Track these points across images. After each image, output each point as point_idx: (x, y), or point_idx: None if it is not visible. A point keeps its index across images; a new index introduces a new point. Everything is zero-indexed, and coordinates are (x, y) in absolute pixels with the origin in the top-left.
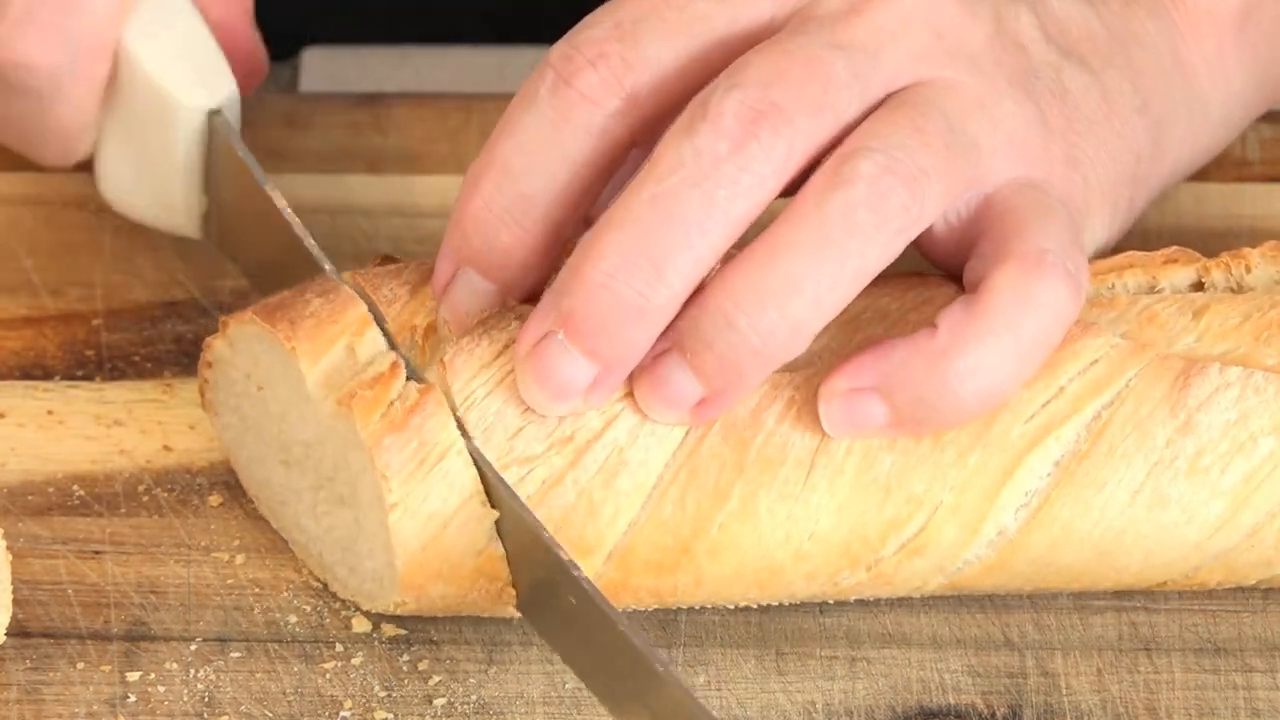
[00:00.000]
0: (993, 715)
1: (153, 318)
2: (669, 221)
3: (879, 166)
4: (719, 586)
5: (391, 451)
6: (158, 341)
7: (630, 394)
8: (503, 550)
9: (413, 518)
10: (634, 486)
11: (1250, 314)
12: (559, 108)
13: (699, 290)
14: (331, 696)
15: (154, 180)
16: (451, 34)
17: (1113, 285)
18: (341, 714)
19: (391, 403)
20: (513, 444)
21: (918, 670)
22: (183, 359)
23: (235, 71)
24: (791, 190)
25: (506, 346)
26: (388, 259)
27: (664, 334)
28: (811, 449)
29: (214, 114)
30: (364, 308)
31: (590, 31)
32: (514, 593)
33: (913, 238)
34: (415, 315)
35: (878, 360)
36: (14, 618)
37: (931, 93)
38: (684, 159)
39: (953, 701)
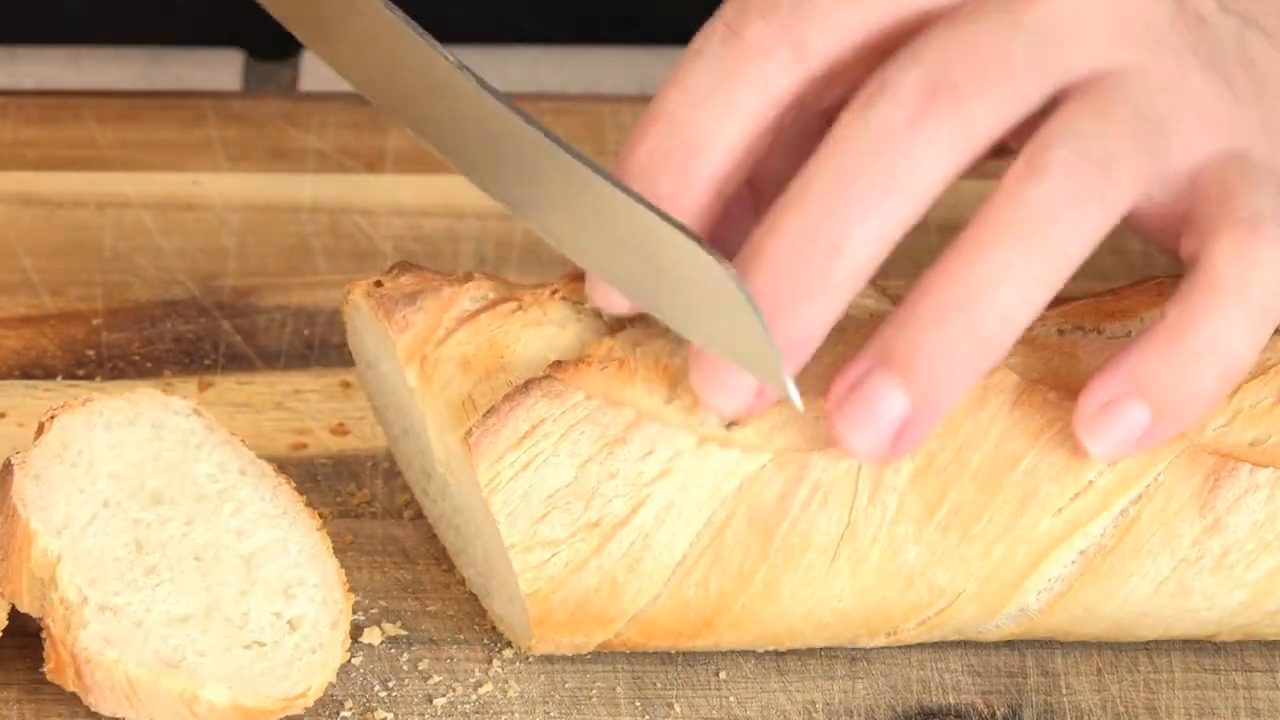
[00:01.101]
0: (993, 715)
1: (153, 318)
2: (847, 194)
3: (1073, 153)
4: (737, 647)
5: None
6: (158, 341)
7: (662, 475)
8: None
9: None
10: (658, 568)
11: None
12: (727, 58)
13: (899, 304)
14: (331, 696)
15: None
16: (452, 34)
17: (1141, 320)
18: (341, 714)
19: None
20: (537, 528)
21: (918, 670)
22: (183, 358)
23: None
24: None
25: (534, 428)
26: (404, 265)
27: (860, 359)
28: (836, 536)
29: None
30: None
31: None
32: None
33: (1112, 225)
34: (426, 344)
35: (1119, 366)
36: (13, 617)
37: (1117, 79)
38: (860, 132)
39: (953, 701)
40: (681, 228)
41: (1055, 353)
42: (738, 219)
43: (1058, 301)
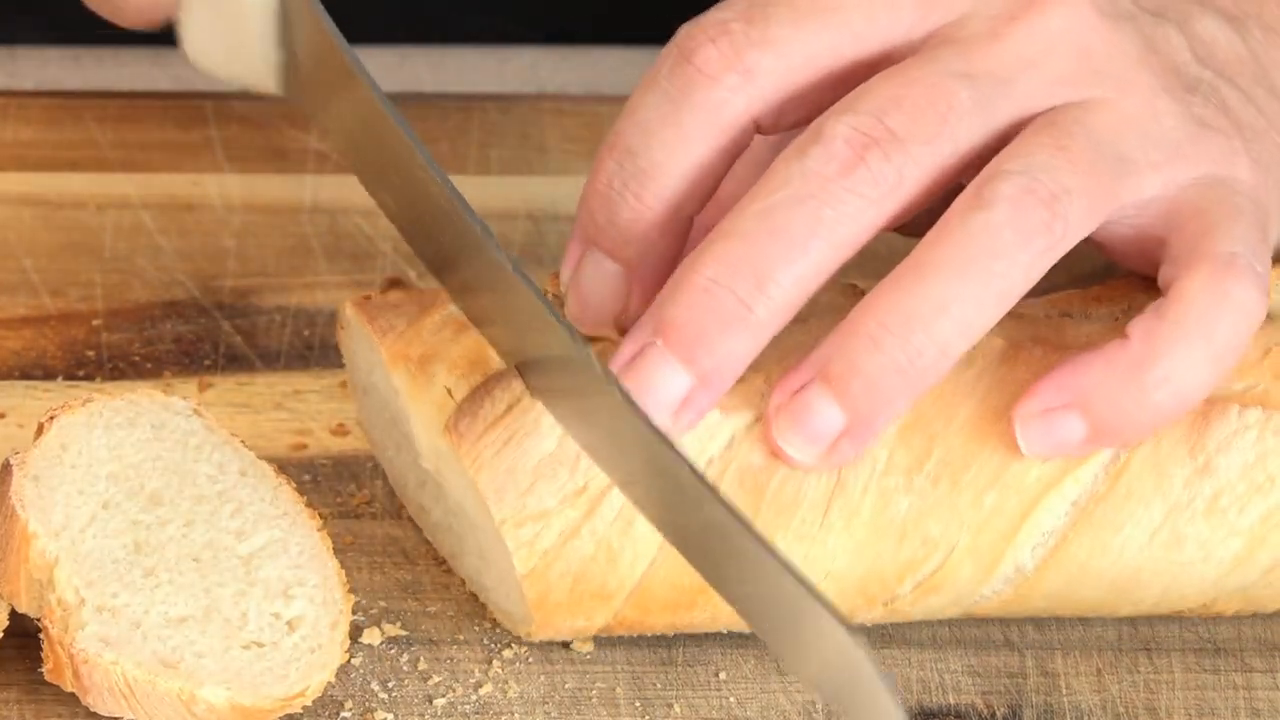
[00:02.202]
0: (993, 715)
1: (153, 318)
2: (773, 235)
3: (1019, 189)
4: (735, 621)
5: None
6: (158, 341)
7: None
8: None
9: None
10: (650, 531)
11: (1270, 348)
12: (678, 84)
13: (844, 320)
14: (331, 696)
15: (237, 41)
16: (451, 34)
17: (1127, 308)
18: (341, 714)
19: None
20: (526, 501)
21: (918, 670)
22: (183, 359)
23: None
24: (909, 219)
25: (510, 407)
26: (395, 282)
27: (801, 368)
28: (827, 492)
29: None
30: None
31: (718, 13)
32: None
33: (1058, 257)
34: (410, 346)
35: (1071, 376)
36: (14, 617)
37: (1077, 112)
38: (792, 177)
39: (953, 701)
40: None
41: (1043, 325)
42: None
43: (1045, 291)
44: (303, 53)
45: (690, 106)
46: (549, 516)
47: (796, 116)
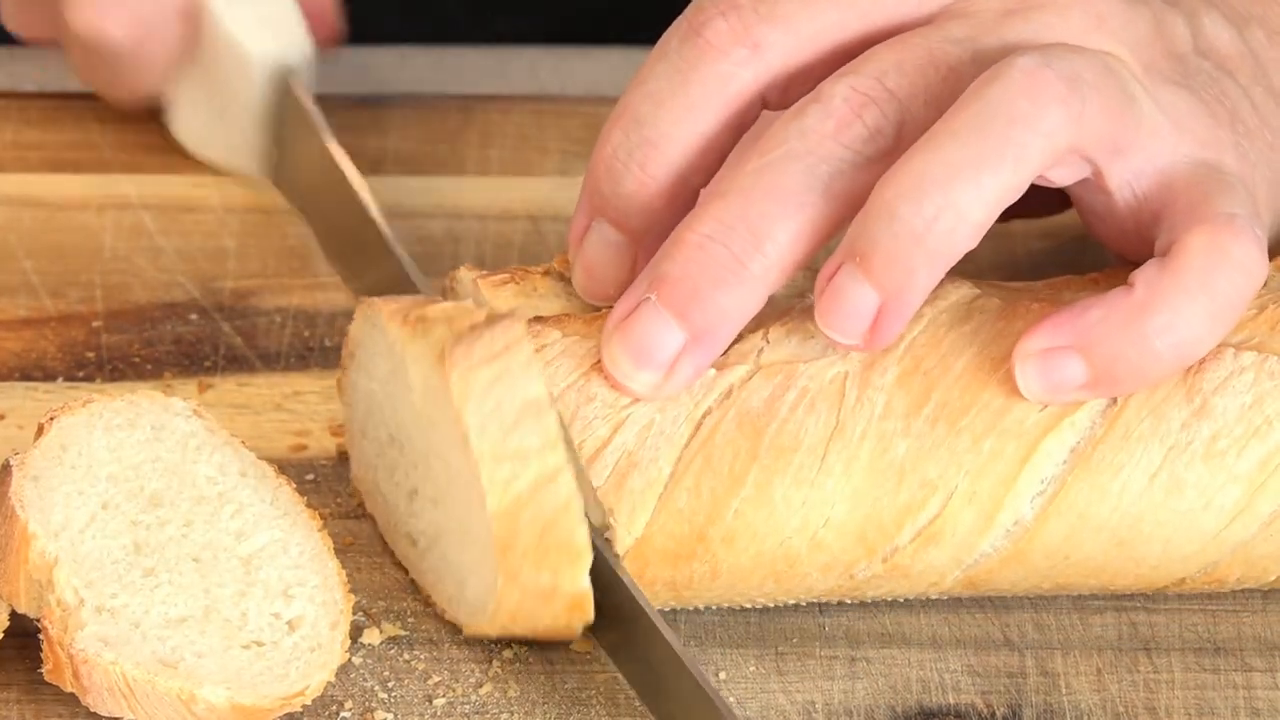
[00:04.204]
0: (993, 715)
1: (153, 318)
2: (769, 192)
3: (1035, 62)
4: (735, 578)
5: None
6: (158, 342)
7: (636, 400)
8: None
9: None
10: (646, 484)
11: (1265, 305)
12: (687, 56)
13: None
14: (331, 696)
15: (225, 126)
16: (452, 34)
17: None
18: (341, 714)
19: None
20: (508, 438)
21: (917, 670)
22: (183, 359)
23: (312, 31)
24: None
25: (509, 347)
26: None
27: (835, 253)
28: (825, 435)
29: (287, 70)
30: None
31: None
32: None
33: (1074, 140)
34: (410, 309)
35: (1074, 318)
36: (14, 618)
37: (1090, 48)
38: (789, 135)
39: (952, 701)
40: None
41: (1037, 296)
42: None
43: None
44: (289, 144)
45: (699, 78)
46: (528, 458)
47: (803, 90)
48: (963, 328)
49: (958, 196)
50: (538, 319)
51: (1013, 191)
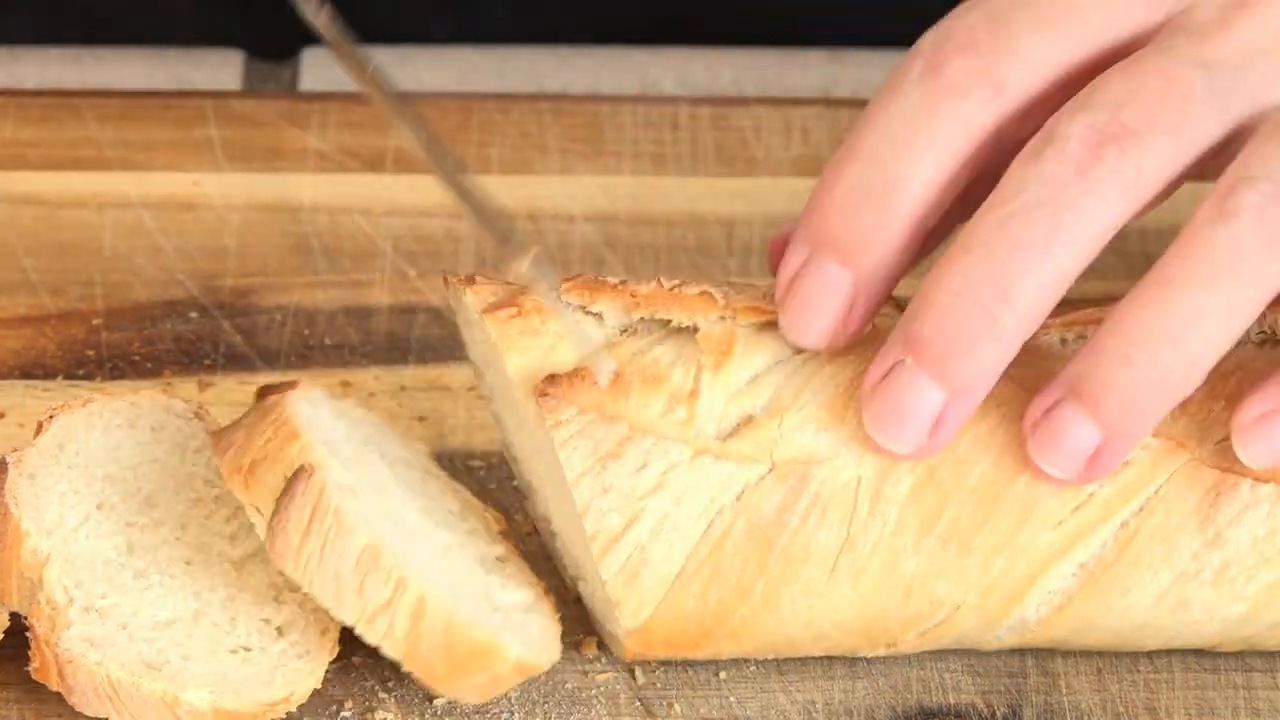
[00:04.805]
0: (993, 715)
1: (153, 318)
2: (1014, 245)
3: (1265, 196)
4: (736, 655)
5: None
6: (158, 340)
7: (656, 489)
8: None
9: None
10: (656, 583)
11: None
12: (927, 96)
13: (1092, 338)
14: (332, 696)
15: None
16: (452, 34)
17: None
18: (342, 714)
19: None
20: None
21: (918, 670)
22: (183, 358)
23: None
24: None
25: (315, 511)
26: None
27: (1050, 388)
28: (836, 548)
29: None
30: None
31: (963, 20)
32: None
33: None
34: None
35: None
36: (14, 618)
37: None
38: (1028, 183)
39: (953, 701)
40: None
41: (1057, 362)
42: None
43: (1061, 309)
44: None
45: (942, 118)
46: (389, 606)
47: (1040, 118)
48: (978, 428)
49: (1189, 346)
50: (550, 379)
51: (1245, 326)
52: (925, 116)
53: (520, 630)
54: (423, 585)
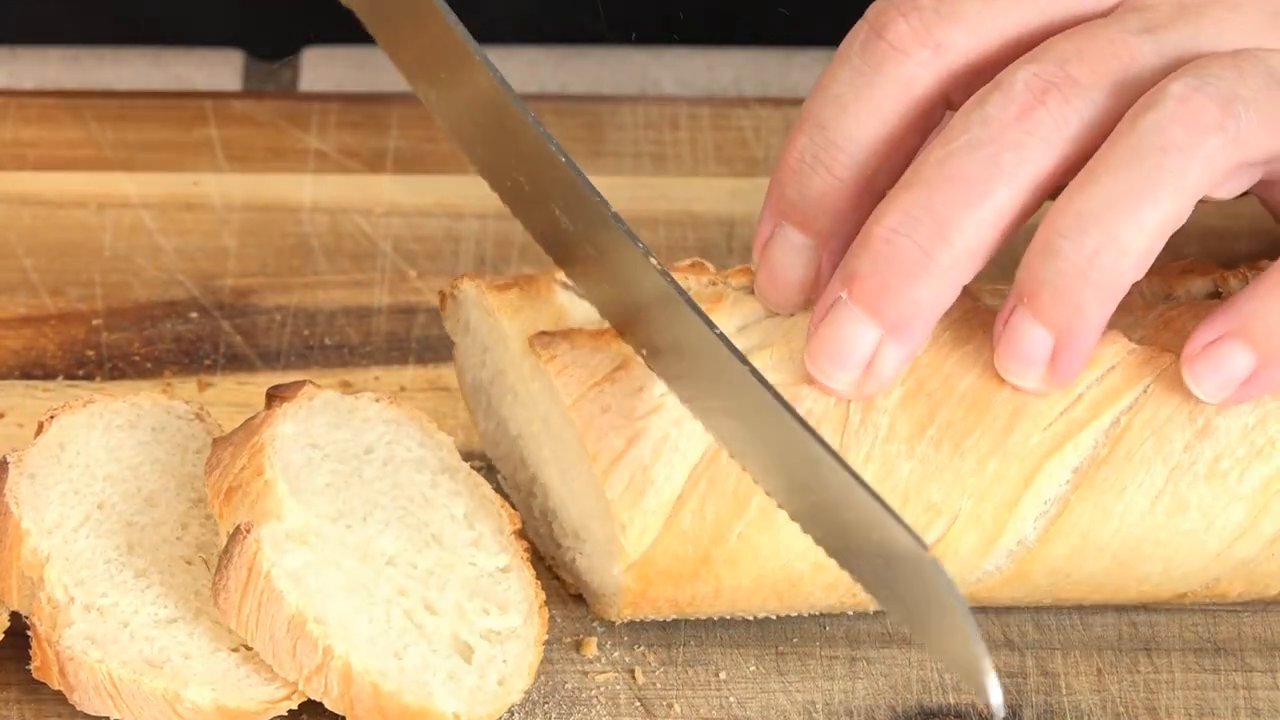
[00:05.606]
0: (993, 715)
1: (153, 316)
2: (952, 181)
3: (1189, 87)
4: (737, 597)
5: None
6: (158, 341)
7: (654, 410)
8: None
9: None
10: (659, 504)
11: None
12: (869, 59)
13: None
14: None
15: None
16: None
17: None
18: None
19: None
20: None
21: (918, 670)
22: (183, 358)
23: None
24: None
25: (250, 572)
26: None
27: (1007, 299)
28: None
29: None
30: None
31: None
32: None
33: (1235, 161)
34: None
35: (1229, 308)
36: (14, 618)
37: (1257, 51)
38: (971, 124)
39: (952, 701)
40: (877, 498)
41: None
42: None
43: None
44: None
45: (882, 81)
46: (323, 669)
47: (980, 85)
48: (965, 347)
49: (1118, 230)
50: (544, 333)
51: (1175, 219)
52: (866, 80)
53: (487, 668)
54: (348, 653)
